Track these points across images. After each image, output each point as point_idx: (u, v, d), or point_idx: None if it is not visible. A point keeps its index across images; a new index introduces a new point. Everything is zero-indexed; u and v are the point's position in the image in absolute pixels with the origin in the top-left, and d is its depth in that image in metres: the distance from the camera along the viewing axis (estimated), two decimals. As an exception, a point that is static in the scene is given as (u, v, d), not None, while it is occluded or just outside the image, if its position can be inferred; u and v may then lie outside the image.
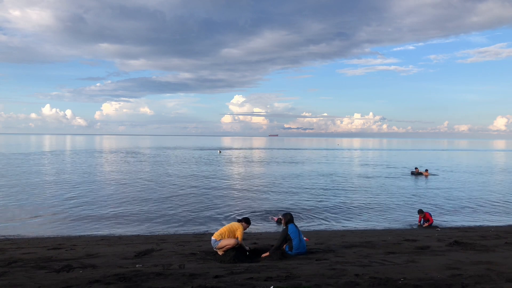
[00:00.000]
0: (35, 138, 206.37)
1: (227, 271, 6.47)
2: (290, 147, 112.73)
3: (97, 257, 8.05)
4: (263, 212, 16.31)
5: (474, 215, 16.76)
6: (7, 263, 7.30)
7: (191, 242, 10.41)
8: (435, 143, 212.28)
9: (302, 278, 5.97)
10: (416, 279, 5.82)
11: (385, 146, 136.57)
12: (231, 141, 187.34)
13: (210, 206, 17.71)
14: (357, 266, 6.88)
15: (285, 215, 8.61)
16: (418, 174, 32.66)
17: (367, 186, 25.45)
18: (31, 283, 5.81)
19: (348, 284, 5.60)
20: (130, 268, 6.89)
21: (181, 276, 6.19)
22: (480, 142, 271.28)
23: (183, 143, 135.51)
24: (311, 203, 18.64)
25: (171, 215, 15.62)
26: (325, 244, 9.55)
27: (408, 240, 10.29)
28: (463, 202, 19.67)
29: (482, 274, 6.17)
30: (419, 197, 20.92)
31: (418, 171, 33.07)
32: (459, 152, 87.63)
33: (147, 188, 22.98)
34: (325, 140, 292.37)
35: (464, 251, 8.52)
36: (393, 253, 8.36)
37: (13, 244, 10.18)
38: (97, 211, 16.18)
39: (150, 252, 8.55)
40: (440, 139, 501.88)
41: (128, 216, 15.41)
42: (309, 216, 15.80)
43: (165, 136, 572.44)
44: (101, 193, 20.97)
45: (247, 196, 20.65)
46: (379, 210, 17.39)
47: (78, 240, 11.10)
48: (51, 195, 20.08)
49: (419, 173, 32.79)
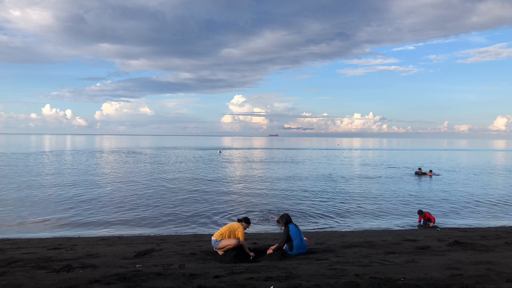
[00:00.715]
0: (35, 138, 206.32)
1: (227, 271, 6.47)
2: (290, 147, 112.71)
3: (97, 257, 8.05)
4: (263, 212, 16.30)
5: (475, 215, 16.76)
6: (7, 263, 7.30)
7: (191, 242, 10.41)
8: (435, 143, 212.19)
9: (302, 278, 5.97)
10: (416, 279, 5.82)
11: (385, 146, 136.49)
12: (231, 141, 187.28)
13: (210, 206, 17.70)
14: (357, 266, 6.88)
15: (282, 216, 8.57)
16: (422, 174, 32.57)
17: (368, 186, 25.44)
18: (31, 283, 5.81)
19: (348, 284, 5.60)
20: (130, 268, 6.89)
21: (181, 276, 6.19)
22: (480, 142, 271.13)
23: (183, 143, 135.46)
24: (311, 203, 18.63)
25: (171, 215, 15.62)
26: (325, 244, 9.54)
27: (408, 240, 10.28)
28: (465, 202, 19.67)
29: (482, 274, 6.17)
30: (422, 197, 20.91)
31: (421, 171, 32.99)
32: (459, 152, 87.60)
33: (147, 188, 22.98)
34: (325, 140, 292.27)
35: (464, 251, 8.52)
36: (393, 253, 8.36)
37: (13, 244, 10.18)
38: (97, 211, 16.17)
39: (150, 252, 8.55)
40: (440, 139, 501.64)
41: (128, 216, 15.41)
42: (309, 216, 15.79)
43: (165, 136, 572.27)
44: (101, 193, 20.97)
45: (247, 196, 20.65)
46: (379, 210, 17.38)
47: (78, 240, 11.10)
48: (51, 195, 20.08)
49: (423, 173, 32.71)
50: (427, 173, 32.48)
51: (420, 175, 32.41)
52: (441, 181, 28.68)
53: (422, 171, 33.23)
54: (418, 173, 32.91)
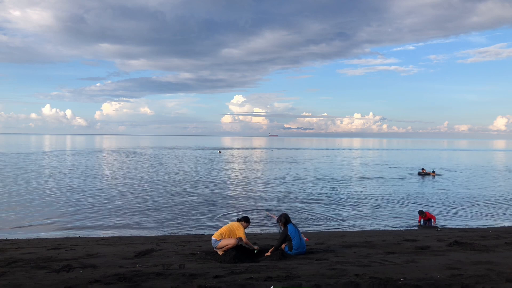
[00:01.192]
0: (35, 138, 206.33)
1: (227, 271, 6.47)
2: (290, 147, 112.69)
3: (97, 257, 8.04)
4: (263, 212, 16.30)
5: (479, 215, 16.75)
6: (7, 263, 7.30)
7: (191, 242, 10.41)
8: (435, 143, 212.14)
9: (302, 278, 5.97)
10: (416, 279, 5.81)
11: (385, 146, 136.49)
12: (231, 141, 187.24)
13: (210, 206, 17.70)
14: (357, 266, 6.88)
15: (281, 216, 8.53)
16: (425, 174, 32.59)
17: (368, 186, 25.43)
18: (31, 283, 5.81)
19: (348, 284, 5.59)
20: (130, 268, 6.88)
21: (181, 276, 6.19)
22: (480, 142, 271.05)
23: (183, 143, 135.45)
24: (311, 203, 18.63)
25: (171, 215, 15.62)
26: (325, 244, 9.54)
27: (408, 240, 10.28)
28: (467, 202, 19.66)
29: (482, 274, 6.16)
30: (423, 197, 20.90)
31: (425, 172, 33.01)
32: (460, 152, 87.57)
33: (147, 188, 22.98)
34: (325, 140, 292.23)
35: (464, 251, 8.52)
36: (393, 253, 8.36)
37: (13, 244, 10.18)
38: (97, 211, 16.17)
39: (150, 252, 8.55)
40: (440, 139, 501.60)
41: (128, 216, 15.41)
42: (309, 215, 15.79)
43: (165, 136, 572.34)
44: (101, 193, 20.97)
45: (247, 196, 20.65)
46: (379, 209, 17.38)
47: (78, 240, 11.09)
48: (51, 195, 20.08)
49: (426, 173, 32.73)
50: (430, 173, 32.47)
51: (423, 175, 32.42)
52: (444, 181, 28.68)
53: (426, 171, 33.25)
54: (421, 173, 32.93)
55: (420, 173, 33.27)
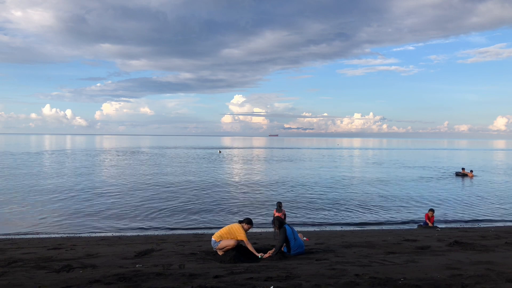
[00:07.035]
0: (35, 138, 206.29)
1: (227, 271, 6.47)
2: (290, 146, 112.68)
3: (97, 257, 8.04)
4: (263, 212, 16.30)
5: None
6: (7, 263, 7.30)
7: (191, 242, 10.41)
8: (435, 142, 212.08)
9: (302, 278, 5.97)
10: (416, 279, 5.81)
11: (385, 145, 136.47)
12: (231, 141, 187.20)
13: (210, 206, 17.70)
14: (357, 266, 6.87)
15: (274, 221, 8.40)
16: (464, 175, 31.77)
17: (368, 186, 25.43)
18: (31, 283, 5.81)
19: (348, 284, 5.59)
20: (130, 268, 6.88)
21: (181, 276, 6.18)
22: (480, 142, 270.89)
23: (183, 143, 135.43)
24: (312, 203, 18.62)
25: (171, 215, 15.62)
26: (325, 244, 9.54)
27: (408, 240, 10.27)
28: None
29: (482, 274, 6.16)
30: (426, 198, 20.89)
31: (464, 172, 32.13)
32: (459, 152, 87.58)
33: (147, 188, 22.97)
34: (325, 140, 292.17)
35: (464, 251, 8.51)
36: (393, 253, 8.35)
37: (13, 244, 10.18)
38: (98, 211, 16.18)
39: (150, 252, 8.54)
40: (440, 139, 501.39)
41: (128, 216, 15.41)
42: (309, 215, 15.79)
43: (165, 136, 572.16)
44: (101, 193, 20.97)
45: (247, 196, 20.64)
46: (380, 210, 17.39)
47: (78, 240, 11.09)
48: (51, 194, 20.08)
49: (465, 174, 31.91)
50: (468, 174, 31.49)
51: (462, 176, 31.51)
52: (483, 182, 28.64)
53: (465, 171, 32.21)
54: (459, 174, 32.03)
55: (458, 173, 32.31)
